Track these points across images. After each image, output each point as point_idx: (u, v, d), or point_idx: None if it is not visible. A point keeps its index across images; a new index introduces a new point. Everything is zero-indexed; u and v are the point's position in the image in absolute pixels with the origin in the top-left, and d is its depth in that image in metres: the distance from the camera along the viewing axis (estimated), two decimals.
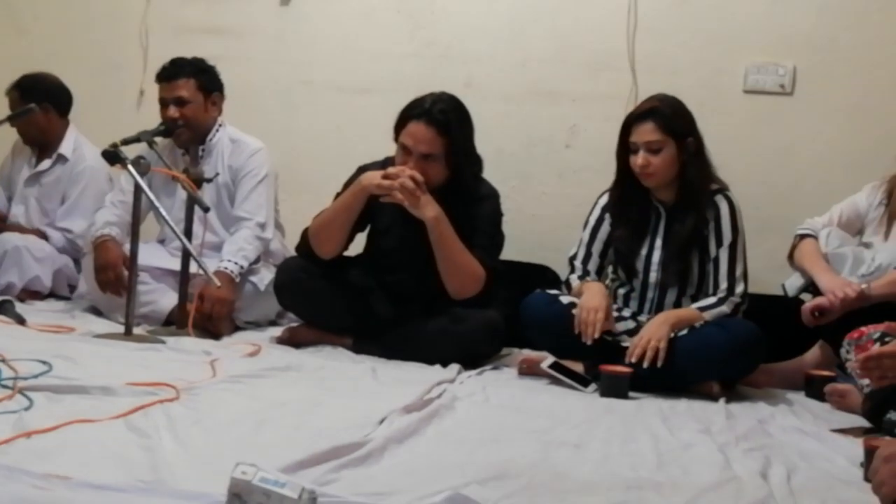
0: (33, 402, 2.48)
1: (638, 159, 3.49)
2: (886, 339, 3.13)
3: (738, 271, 3.52)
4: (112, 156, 3.64)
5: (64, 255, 4.48)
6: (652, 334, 3.35)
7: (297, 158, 4.71)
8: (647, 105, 3.55)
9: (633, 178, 3.56)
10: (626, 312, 3.51)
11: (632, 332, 3.53)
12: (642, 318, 3.55)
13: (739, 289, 3.50)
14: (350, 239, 3.79)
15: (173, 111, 4.10)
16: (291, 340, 3.76)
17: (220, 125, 4.23)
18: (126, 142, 3.73)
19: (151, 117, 4.14)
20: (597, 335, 3.39)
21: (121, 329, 3.60)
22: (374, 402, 2.77)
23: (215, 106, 4.21)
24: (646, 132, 3.49)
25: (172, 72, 4.14)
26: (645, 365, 3.31)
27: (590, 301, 3.45)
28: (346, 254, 3.84)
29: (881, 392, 2.87)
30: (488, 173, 3.86)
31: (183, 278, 3.82)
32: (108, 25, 5.11)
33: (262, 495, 1.76)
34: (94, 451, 2.14)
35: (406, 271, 3.73)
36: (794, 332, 3.61)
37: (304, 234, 3.76)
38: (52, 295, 4.41)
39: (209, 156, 4.20)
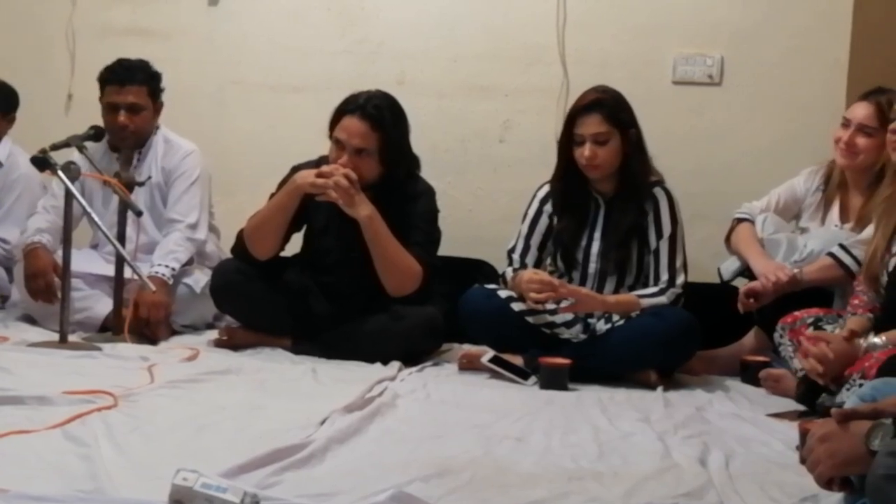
0: None
1: (585, 151, 3.51)
2: (820, 324, 3.19)
3: (679, 262, 3.56)
4: (41, 162, 3.59)
5: None
6: (582, 293, 3.45)
7: (231, 159, 4.67)
8: (591, 97, 3.56)
9: (575, 170, 3.58)
10: (565, 303, 3.54)
11: (570, 324, 3.57)
12: None
13: (680, 280, 3.54)
14: (286, 239, 3.77)
15: (124, 118, 4.02)
16: (229, 343, 3.73)
17: (156, 129, 4.18)
18: (55, 147, 3.68)
19: (80, 122, 4.07)
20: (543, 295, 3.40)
21: (55, 337, 3.55)
22: (315, 403, 2.77)
23: (158, 113, 4.16)
24: (593, 124, 3.51)
25: (125, 76, 4.04)
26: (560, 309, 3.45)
27: (521, 277, 3.49)
28: (282, 254, 3.82)
29: None
30: (423, 170, 3.86)
31: (117, 284, 3.76)
32: (33, 29, 5.01)
33: (204, 501, 1.75)
34: (31, 462, 2.12)
35: (344, 270, 3.72)
36: (730, 319, 3.67)
37: (240, 236, 3.74)
38: None
39: (145, 159, 4.15)
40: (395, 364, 3.47)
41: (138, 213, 3.72)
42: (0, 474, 1.99)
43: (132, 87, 4.04)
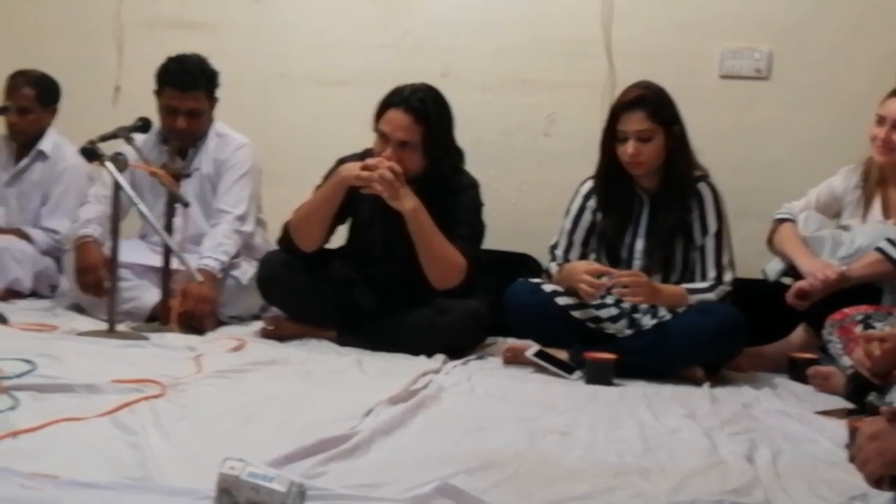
0: (19, 401, 2.47)
1: (628, 148, 3.48)
2: (869, 321, 3.16)
3: (725, 259, 3.52)
4: (90, 153, 3.62)
5: (46, 257, 4.44)
6: (642, 279, 3.39)
7: (276, 152, 4.70)
8: (634, 93, 3.53)
9: (618, 166, 3.56)
10: (610, 300, 3.52)
11: (615, 319, 3.55)
12: (626, 305, 3.56)
13: (727, 277, 3.50)
14: (331, 231, 3.78)
15: (182, 122, 4.06)
16: (275, 334, 3.75)
17: (210, 122, 4.22)
18: (103, 138, 3.71)
19: (128, 113, 4.09)
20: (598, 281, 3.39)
21: (104, 326, 3.58)
22: (360, 395, 2.77)
23: (213, 110, 4.20)
24: (636, 121, 3.48)
25: (187, 82, 4.06)
26: (613, 291, 3.39)
27: (576, 268, 3.47)
28: (327, 246, 3.84)
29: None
30: (467, 163, 3.85)
31: (165, 274, 3.80)
32: (82, 22, 5.07)
33: (251, 490, 1.75)
34: (80, 449, 2.14)
35: (388, 263, 3.72)
36: (777, 316, 3.64)
37: (285, 228, 3.76)
38: (34, 294, 4.38)
39: (198, 152, 4.18)
40: (440, 357, 3.47)
41: (185, 205, 3.75)
42: (50, 461, 2.02)
43: (193, 92, 4.08)
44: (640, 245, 3.59)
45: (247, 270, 4.06)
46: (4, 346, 3.08)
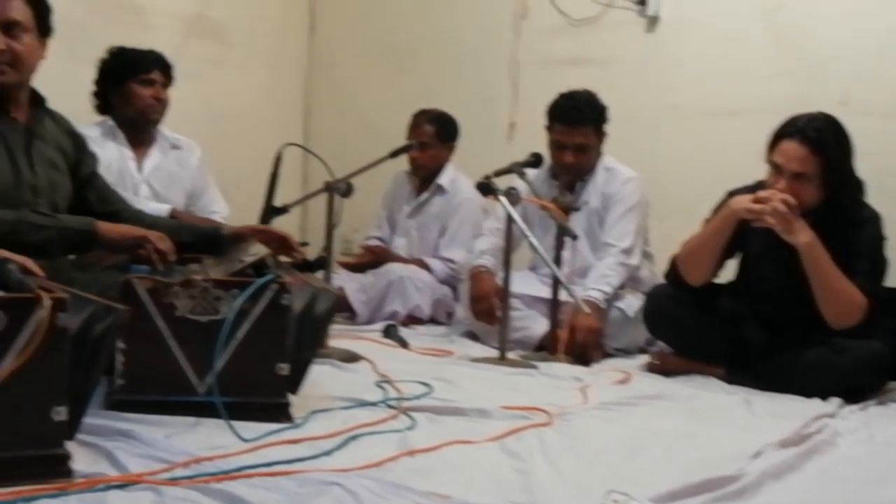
0: (416, 422, 2.62)
1: None
2: None
3: None
4: (485, 187, 3.78)
5: (444, 286, 4.69)
6: None
7: (664, 184, 4.68)
8: None
9: None
10: None
11: None
12: None
13: None
14: (720, 265, 3.70)
15: (570, 157, 4.15)
16: (661, 368, 3.72)
17: (599, 156, 4.28)
18: (498, 173, 3.86)
19: (521, 148, 4.24)
20: None
21: (495, 353, 3.72)
22: (747, 435, 2.68)
23: (602, 144, 4.26)
24: None
25: (576, 118, 4.14)
26: None
27: None
28: (716, 281, 3.76)
29: None
30: (868, 195, 3.64)
31: (553, 305, 3.89)
32: (480, 61, 5.33)
33: None
34: (471, 471, 2.23)
35: (781, 299, 3.59)
36: None
37: (673, 262, 3.72)
38: (432, 320, 4.62)
39: (586, 186, 4.26)
40: (835, 400, 3.28)
41: (574, 238, 3.82)
42: (443, 480, 2.12)
43: (581, 128, 4.15)
44: None
45: (633, 303, 4.07)
46: (404, 370, 3.28)
